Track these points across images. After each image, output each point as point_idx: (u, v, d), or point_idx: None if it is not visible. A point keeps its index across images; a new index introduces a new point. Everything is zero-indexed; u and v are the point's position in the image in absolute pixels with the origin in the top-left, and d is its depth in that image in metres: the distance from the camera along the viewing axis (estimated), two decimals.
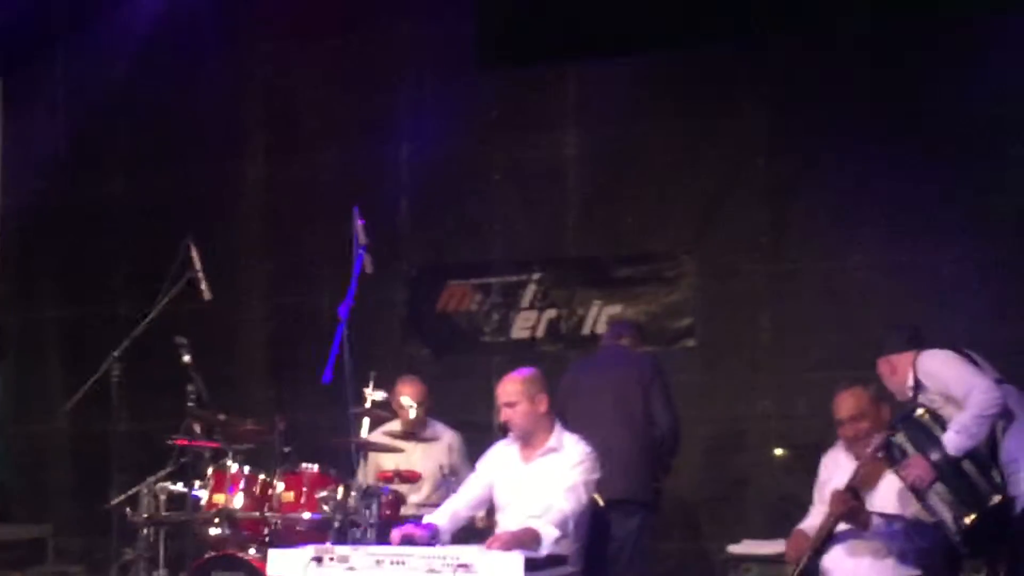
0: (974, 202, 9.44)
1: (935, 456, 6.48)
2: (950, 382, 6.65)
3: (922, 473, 6.47)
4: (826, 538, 6.64)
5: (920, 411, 6.66)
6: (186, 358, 8.23)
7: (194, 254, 8.44)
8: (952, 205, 9.47)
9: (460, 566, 5.66)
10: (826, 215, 9.92)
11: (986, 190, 9.42)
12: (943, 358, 6.77)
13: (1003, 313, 9.17)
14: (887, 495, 6.65)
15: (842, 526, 6.60)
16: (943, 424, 6.56)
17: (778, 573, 7.83)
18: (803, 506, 7.23)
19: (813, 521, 6.87)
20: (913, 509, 6.56)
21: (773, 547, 8.03)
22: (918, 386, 6.78)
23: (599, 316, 10.47)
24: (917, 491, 6.52)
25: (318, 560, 5.97)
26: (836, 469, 6.88)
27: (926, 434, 6.56)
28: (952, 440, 6.46)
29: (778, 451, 9.85)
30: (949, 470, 6.49)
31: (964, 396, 6.53)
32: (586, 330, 10.51)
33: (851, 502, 6.52)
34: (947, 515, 6.48)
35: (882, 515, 6.51)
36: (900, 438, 6.61)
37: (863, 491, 6.64)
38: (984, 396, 6.48)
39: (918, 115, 9.59)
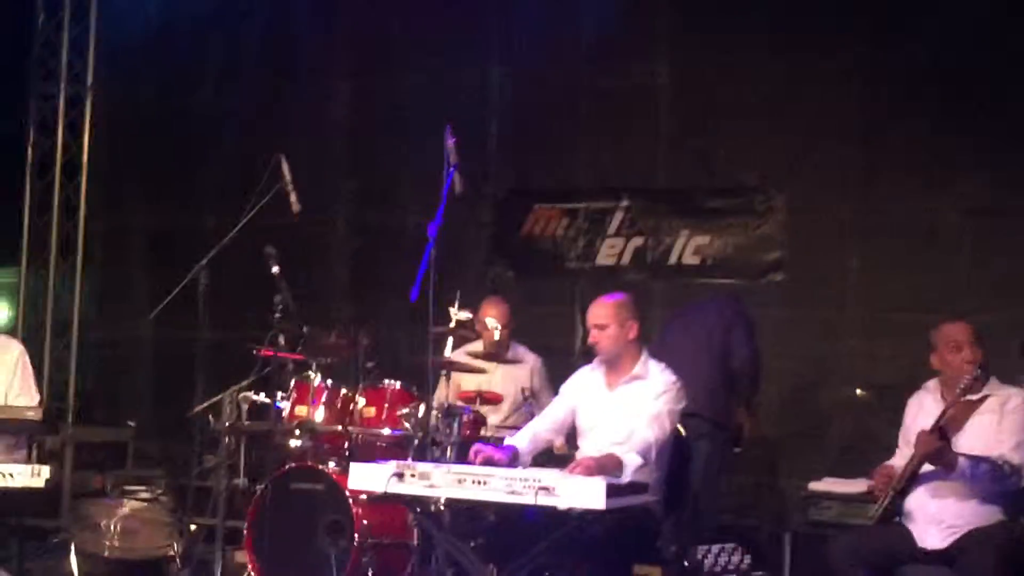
0: None
1: None
2: None
3: None
4: (910, 478, 6.57)
5: None
6: (274, 269, 8.19)
7: (285, 167, 8.41)
8: None
9: (542, 488, 5.60)
10: (919, 154, 9.76)
11: None
12: None
13: None
14: (974, 437, 6.53)
15: (927, 467, 6.52)
16: None
17: (858, 512, 7.75)
18: (883, 447, 7.15)
19: (898, 462, 6.79)
20: (1000, 451, 6.45)
21: (855, 486, 7.95)
22: None
23: (686, 246, 10.40)
24: None
25: (399, 476, 5.96)
26: (920, 412, 6.77)
27: None
28: None
29: (860, 391, 9.76)
30: None
31: None
32: (672, 260, 10.45)
33: (937, 443, 6.42)
34: None
35: (968, 456, 6.42)
36: None
37: (949, 433, 6.54)
38: None
39: (1019, 55, 9.41)
